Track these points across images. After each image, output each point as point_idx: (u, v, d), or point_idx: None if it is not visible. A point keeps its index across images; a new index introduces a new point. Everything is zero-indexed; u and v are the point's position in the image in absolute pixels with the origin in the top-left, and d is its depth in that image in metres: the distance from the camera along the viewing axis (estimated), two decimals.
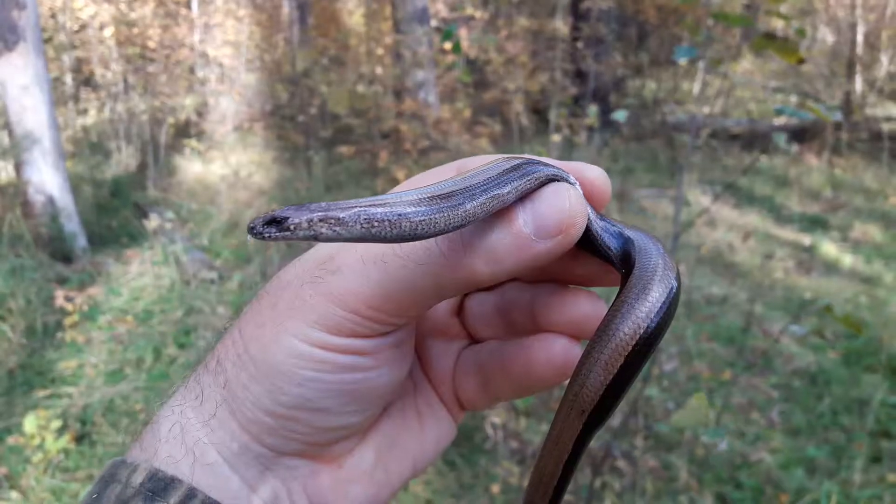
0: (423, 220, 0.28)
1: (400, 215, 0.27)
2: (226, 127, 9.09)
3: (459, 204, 0.29)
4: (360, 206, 0.27)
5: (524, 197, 0.32)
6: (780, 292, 5.52)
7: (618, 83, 10.54)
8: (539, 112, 8.67)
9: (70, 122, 9.59)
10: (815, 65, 10.97)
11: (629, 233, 0.35)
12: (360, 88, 9.05)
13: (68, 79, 9.90)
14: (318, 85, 7.91)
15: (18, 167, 5.68)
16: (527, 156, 0.34)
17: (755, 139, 9.75)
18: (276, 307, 0.34)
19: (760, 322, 4.45)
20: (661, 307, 0.32)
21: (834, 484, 3.14)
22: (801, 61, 1.97)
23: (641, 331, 0.31)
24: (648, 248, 0.34)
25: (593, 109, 4.01)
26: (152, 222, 5.47)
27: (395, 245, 0.31)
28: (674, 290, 0.33)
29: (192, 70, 10.24)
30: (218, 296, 5.13)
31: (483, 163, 0.33)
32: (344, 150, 6.83)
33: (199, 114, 9.60)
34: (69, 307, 4.56)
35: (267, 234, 0.28)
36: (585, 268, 0.38)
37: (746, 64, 11.50)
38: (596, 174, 0.36)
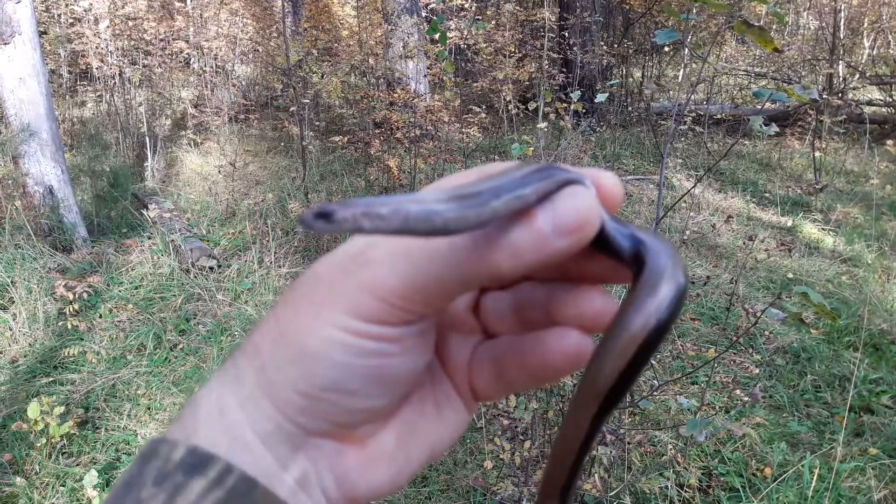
0: (454, 217, 0.31)
1: (433, 212, 0.30)
2: (221, 118, 9.11)
3: (487, 202, 0.32)
4: (398, 203, 0.30)
5: (543, 198, 0.34)
6: (763, 273, 5.56)
7: (604, 72, 10.57)
8: (526, 101, 8.71)
9: (67, 114, 9.58)
10: (799, 50, 10.99)
11: (640, 234, 0.37)
12: (353, 79, 9.08)
13: (64, 71, 9.89)
14: (312, 76, 7.94)
15: (17, 159, 5.68)
16: (547, 162, 0.36)
17: (739, 124, 9.76)
18: (311, 295, 0.37)
19: (743, 302, 4.49)
20: (669, 302, 0.35)
21: (816, 457, 3.16)
22: (776, 50, 2.00)
23: (652, 323, 0.35)
24: (658, 248, 0.36)
25: (577, 93, 4.08)
26: (151, 212, 5.48)
27: (424, 241, 0.34)
28: (682, 287, 0.35)
29: (187, 62, 10.24)
30: (216, 283, 5.19)
31: (505, 167, 0.36)
32: (337, 139, 6.86)
33: (196, 106, 9.58)
34: (70, 296, 4.54)
35: (317, 227, 0.29)
36: (598, 266, 0.39)
37: (730, 50, 11.56)
38: (609, 179, 0.37)
